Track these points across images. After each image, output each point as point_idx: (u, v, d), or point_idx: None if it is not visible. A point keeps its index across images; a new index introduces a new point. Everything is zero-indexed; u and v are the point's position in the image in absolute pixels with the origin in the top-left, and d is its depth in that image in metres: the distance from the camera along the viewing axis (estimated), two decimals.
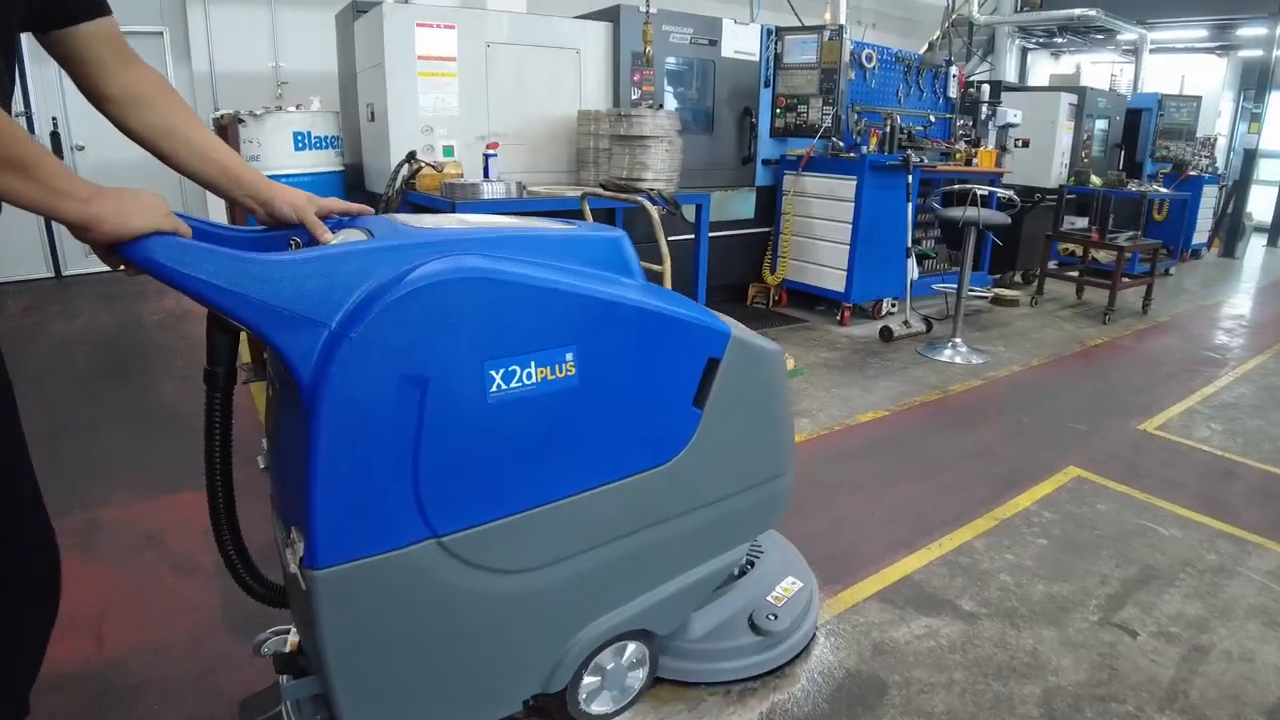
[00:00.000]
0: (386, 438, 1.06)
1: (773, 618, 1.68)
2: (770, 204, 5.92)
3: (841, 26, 5.24)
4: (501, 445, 1.15)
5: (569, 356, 1.17)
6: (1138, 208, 7.00)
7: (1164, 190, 7.19)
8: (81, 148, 6.89)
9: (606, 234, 1.30)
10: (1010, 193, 5.52)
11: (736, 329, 1.36)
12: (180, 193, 7.14)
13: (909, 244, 5.25)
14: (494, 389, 1.12)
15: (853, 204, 5.29)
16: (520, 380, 1.13)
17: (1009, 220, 4.72)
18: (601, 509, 1.30)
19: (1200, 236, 9.10)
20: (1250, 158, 9.73)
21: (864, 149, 5.41)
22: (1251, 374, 4.81)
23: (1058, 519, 2.80)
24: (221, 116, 4.24)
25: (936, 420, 3.83)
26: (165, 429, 3.54)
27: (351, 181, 5.02)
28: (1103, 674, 1.94)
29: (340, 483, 1.05)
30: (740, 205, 5.78)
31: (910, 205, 5.21)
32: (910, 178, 5.13)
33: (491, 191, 4.10)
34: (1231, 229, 9.79)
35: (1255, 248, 10.75)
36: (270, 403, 1.31)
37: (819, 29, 5.36)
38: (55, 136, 6.66)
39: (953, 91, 6.37)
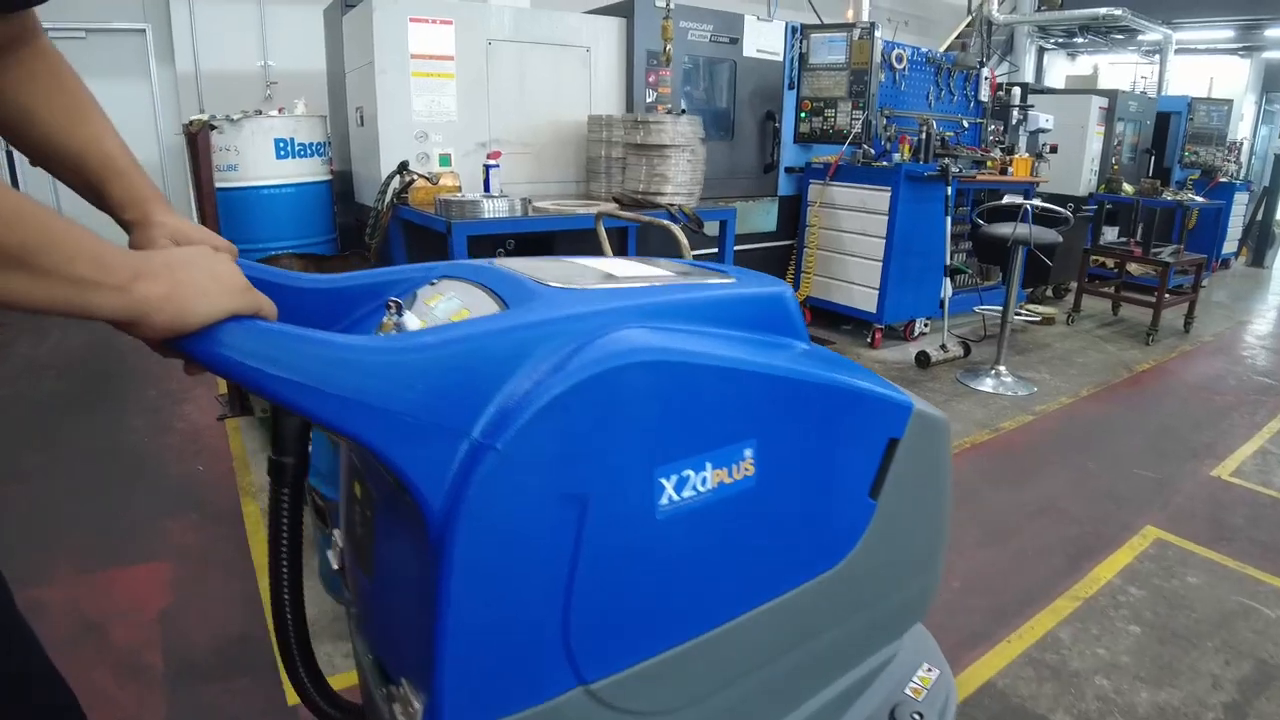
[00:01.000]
0: (535, 573, 0.86)
1: (918, 716, 1.49)
2: (794, 215, 5.78)
3: (873, 24, 5.12)
4: (667, 569, 0.96)
5: (748, 453, 0.98)
6: (1170, 217, 6.97)
7: (1199, 199, 7.17)
8: None
9: (770, 289, 1.11)
10: (1047, 204, 5.43)
11: (916, 400, 1.19)
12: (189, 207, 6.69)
13: (947, 260, 5.14)
14: (664, 501, 0.92)
15: (886, 217, 5.16)
16: (694, 488, 0.94)
17: (1060, 239, 4.61)
18: (763, 630, 1.11)
19: (1229, 245, 9.14)
20: None
21: (895, 156, 5.29)
22: None
23: (1147, 597, 2.64)
24: (191, 123, 3.97)
25: (992, 467, 3.68)
26: (126, 475, 3.29)
27: (340, 191, 4.79)
28: None
29: (477, 633, 0.85)
30: (761, 217, 5.63)
31: (948, 219, 5.09)
32: (949, 189, 5.01)
33: (493, 209, 3.85)
34: (1261, 237, 9.86)
35: None
36: (352, 500, 1.10)
37: (848, 27, 5.23)
38: None
39: (984, 95, 6.28)
